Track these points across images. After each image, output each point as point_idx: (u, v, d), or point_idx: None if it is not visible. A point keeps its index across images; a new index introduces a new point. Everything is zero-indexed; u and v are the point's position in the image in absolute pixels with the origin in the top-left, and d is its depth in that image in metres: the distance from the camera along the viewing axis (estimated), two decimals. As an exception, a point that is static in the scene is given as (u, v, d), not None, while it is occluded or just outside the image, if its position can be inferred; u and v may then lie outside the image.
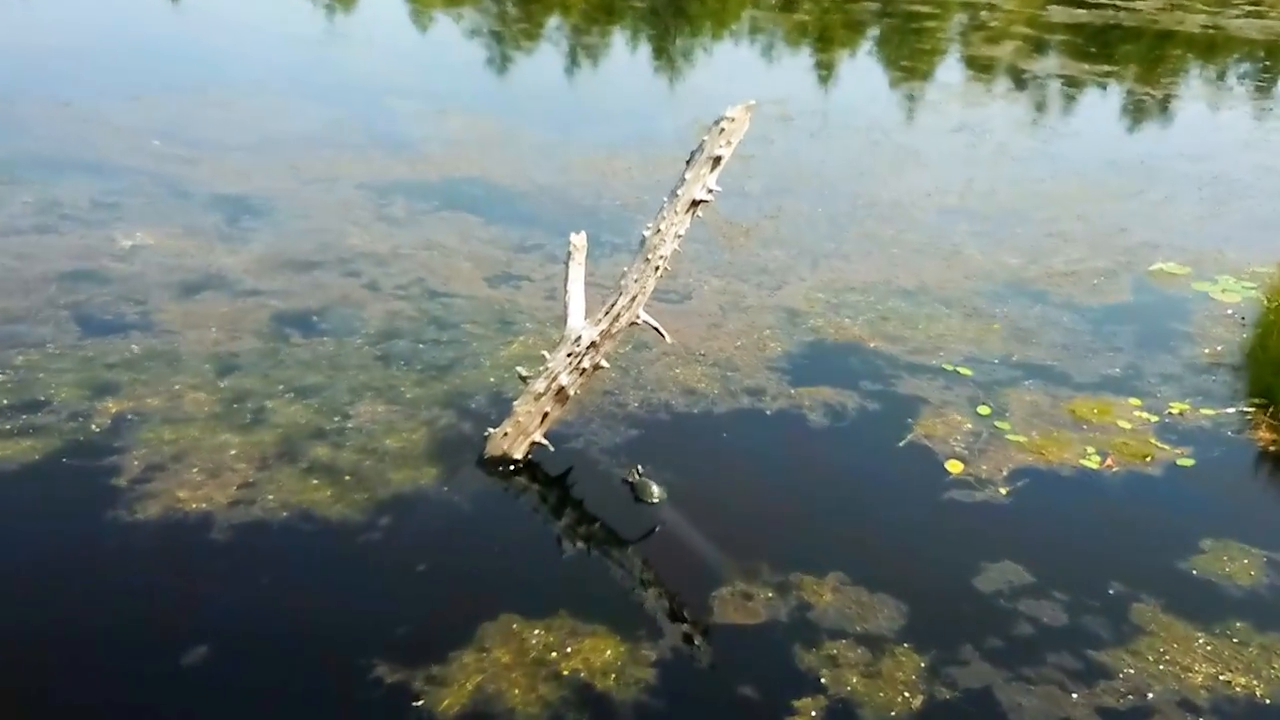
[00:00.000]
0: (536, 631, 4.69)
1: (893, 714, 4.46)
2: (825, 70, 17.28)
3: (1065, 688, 4.67)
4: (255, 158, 10.51)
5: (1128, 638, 4.99)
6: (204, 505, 5.33)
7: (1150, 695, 4.68)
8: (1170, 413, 7.02)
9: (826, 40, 19.43)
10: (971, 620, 5.03)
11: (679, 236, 5.60)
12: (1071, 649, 4.88)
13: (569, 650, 4.61)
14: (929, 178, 11.66)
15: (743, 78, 16.13)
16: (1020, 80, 16.63)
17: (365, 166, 10.54)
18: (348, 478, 5.62)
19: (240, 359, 6.75)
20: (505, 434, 5.79)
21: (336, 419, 6.16)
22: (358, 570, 5.05)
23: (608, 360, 5.91)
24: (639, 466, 5.84)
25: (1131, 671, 4.79)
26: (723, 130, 5.40)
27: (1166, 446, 6.62)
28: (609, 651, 4.63)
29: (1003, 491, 6.01)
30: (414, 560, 5.10)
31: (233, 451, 5.76)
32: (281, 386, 6.46)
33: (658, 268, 5.60)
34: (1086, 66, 17.43)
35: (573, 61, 16.58)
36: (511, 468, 5.86)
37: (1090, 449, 6.52)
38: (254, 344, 6.95)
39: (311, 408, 6.25)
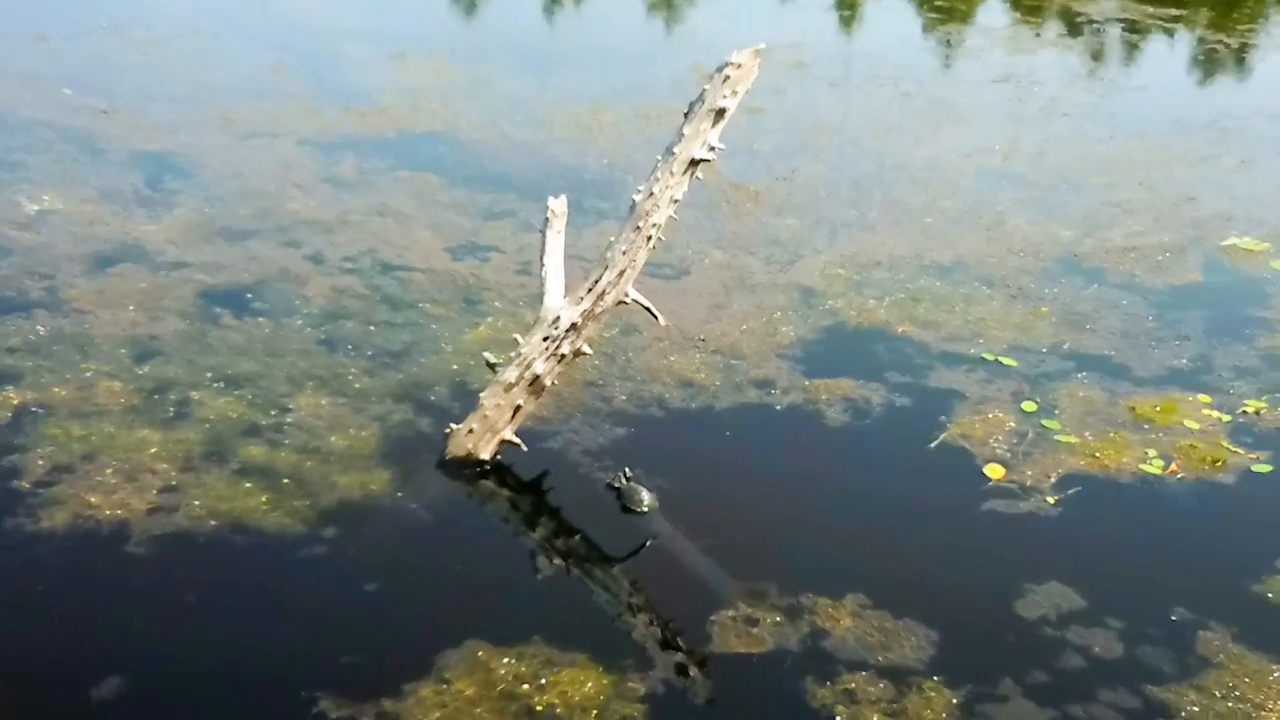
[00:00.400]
0: (506, 660, 4.69)
1: (920, 758, 4.48)
2: (848, 10, 17.27)
3: (1120, 728, 4.70)
4: (181, 109, 10.46)
5: (1193, 671, 4.99)
6: (119, 513, 5.31)
7: (1218, 737, 4.71)
8: (1245, 411, 7.04)
9: (850, -24, 19.41)
10: (1012, 650, 5.03)
11: (675, 201, 5.58)
12: (1128, 684, 4.88)
13: (544, 682, 4.61)
14: (968, 136, 11.65)
15: (751, 18, 16.10)
16: (1074, 25, 16.63)
17: (309, 120, 10.50)
18: (286, 481, 5.61)
19: (162, 343, 6.72)
20: (470, 431, 5.79)
21: (273, 413, 6.15)
22: (298, 590, 5.03)
23: (590, 345, 5.90)
24: (626, 470, 5.84)
25: (1197, 710, 4.80)
26: (727, 78, 5.38)
27: (1240, 450, 6.63)
28: (590, 684, 4.62)
29: (1050, 501, 6.02)
30: (363, 578, 5.09)
31: (152, 450, 5.74)
32: (209, 375, 6.44)
33: (650, 238, 5.59)
34: (1151, 10, 17.44)
35: (553, -2, 16.53)
36: (477, 470, 5.85)
37: (1152, 452, 6.53)
38: (178, 325, 6.92)
39: (244, 400, 6.23)
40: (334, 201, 8.91)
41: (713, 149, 5.49)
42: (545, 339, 5.65)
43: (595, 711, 4.51)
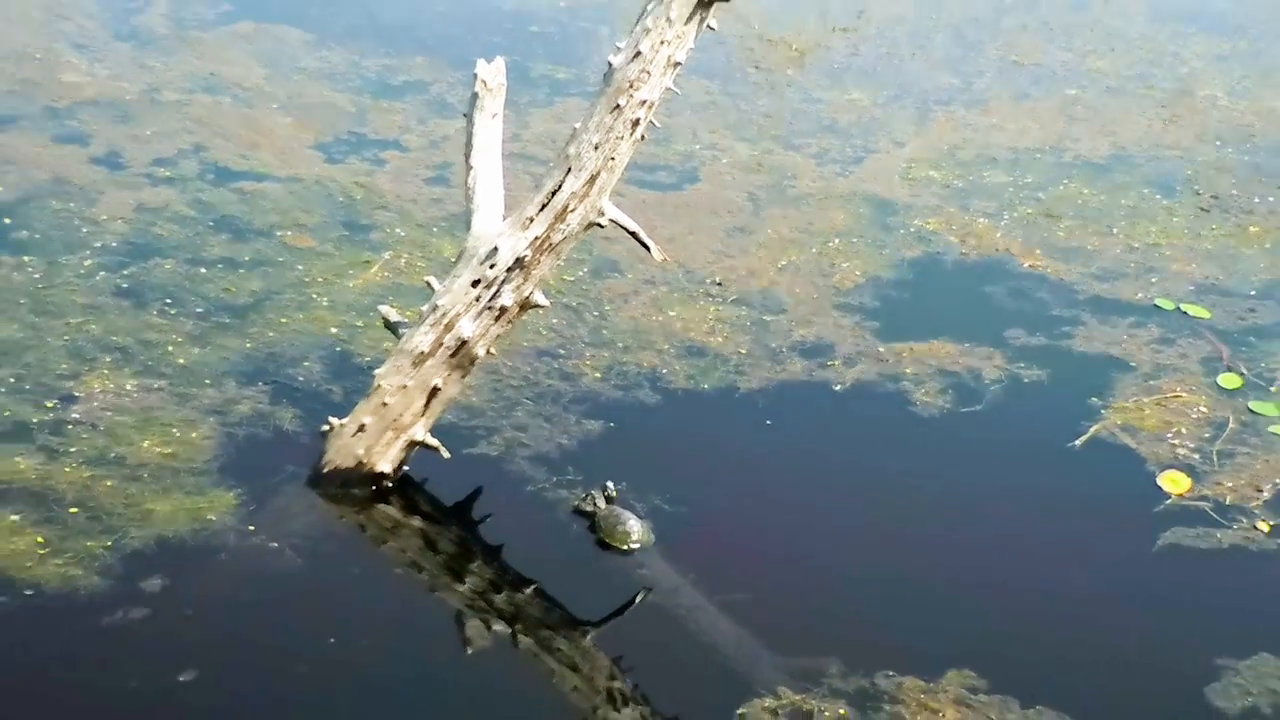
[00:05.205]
0: (421, 783, 4.79)
1: None
2: None
3: None
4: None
5: None
6: None
7: None
8: None
9: None
10: (1206, 758, 5.15)
11: (675, 66, 5.60)
12: (1382, 807, 5.00)
13: (480, 816, 4.72)
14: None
15: None
16: None
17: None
18: (73, 511, 5.63)
19: None
20: (360, 429, 5.83)
21: (49, 404, 6.18)
22: (91, 676, 5.04)
23: (546, 294, 5.91)
24: (609, 485, 5.93)
25: None
26: None
27: None
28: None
29: (1263, 528, 6.09)
30: (195, 658, 5.10)
31: None
32: (-54, 346, 6.52)
33: (636, 123, 5.61)
34: None
35: None
36: (373, 489, 5.91)
37: None
38: (-107, 268, 7.01)
39: (2, 384, 6.24)
40: (136, 70, 8.90)
41: (734, -18, 5.52)
42: (475, 284, 5.67)
43: None
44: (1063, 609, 5.73)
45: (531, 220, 5.63)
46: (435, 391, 5.80)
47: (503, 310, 5.73)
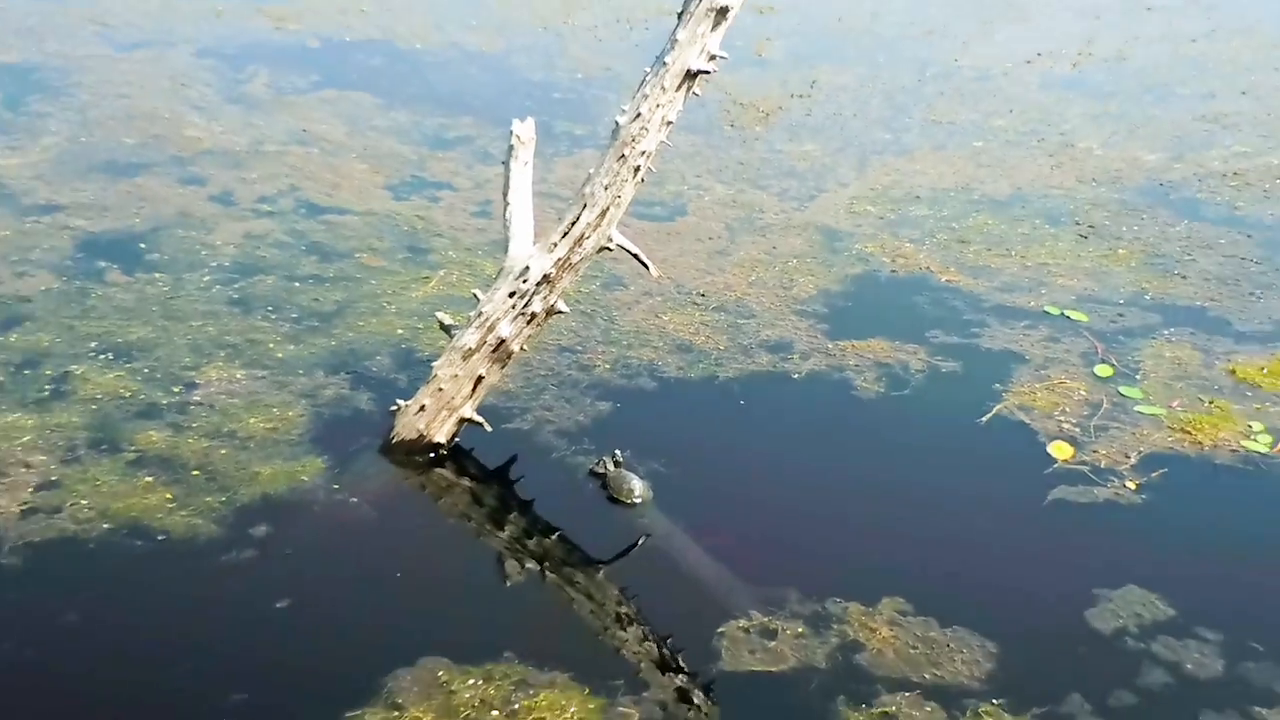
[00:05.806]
0: (471, 682, 4.78)
1: (973, 796, 4.62)
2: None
3: (1216, 759, 4.81)
4: (46, 9, 10.43)
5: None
6: (-13, 514, 5.39)
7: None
8: (1370, 373, 7.15)
9: None
10: (1085, 668, 5.13)
11: (668, 124, 5.63)
12: (1228, 708, 4.95)
13: (516, 708, 4.69)
14: (1029, 36, 11.71)
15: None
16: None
17: (210, 23, 10.50)
18: (195, 474, 5.70)
19: (33, 306, 6.81)
20: (421, 409, 5.87)
21: (176, 390, 6.23)
22: (210, 605, 5.11)
23: (566, 302, 5.95)
24: (617, 452, 5.96)
25: (1312, 736, 4.91)
26: (730, -31, 5.42)
27: (1364, 421, 6.74)
28: (573, 710, 4.70)
29: (1130, 486, 6.15)
30: (294, 588, 5.18)
31: (25, 439, 5.81)
32: (94, 344, 6.51)
33: (638, 169, 5.63)
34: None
35: None
36: (431, 456, 5.96)
37: (1257, 426, 6.64)
38: (51, 284, 7.01)
39: (138, 374, 6.31)
40: (244, 127, 8.96)
41: (714, 58, 5.52)
42: (511, 295, 5.72)
43: (579, 745, 4.63)
44: (972, 550, 5.79)
45: (555, 245, 5.67)
46: (480, 379, 5.85)
47: (533, 316, 5.78)
